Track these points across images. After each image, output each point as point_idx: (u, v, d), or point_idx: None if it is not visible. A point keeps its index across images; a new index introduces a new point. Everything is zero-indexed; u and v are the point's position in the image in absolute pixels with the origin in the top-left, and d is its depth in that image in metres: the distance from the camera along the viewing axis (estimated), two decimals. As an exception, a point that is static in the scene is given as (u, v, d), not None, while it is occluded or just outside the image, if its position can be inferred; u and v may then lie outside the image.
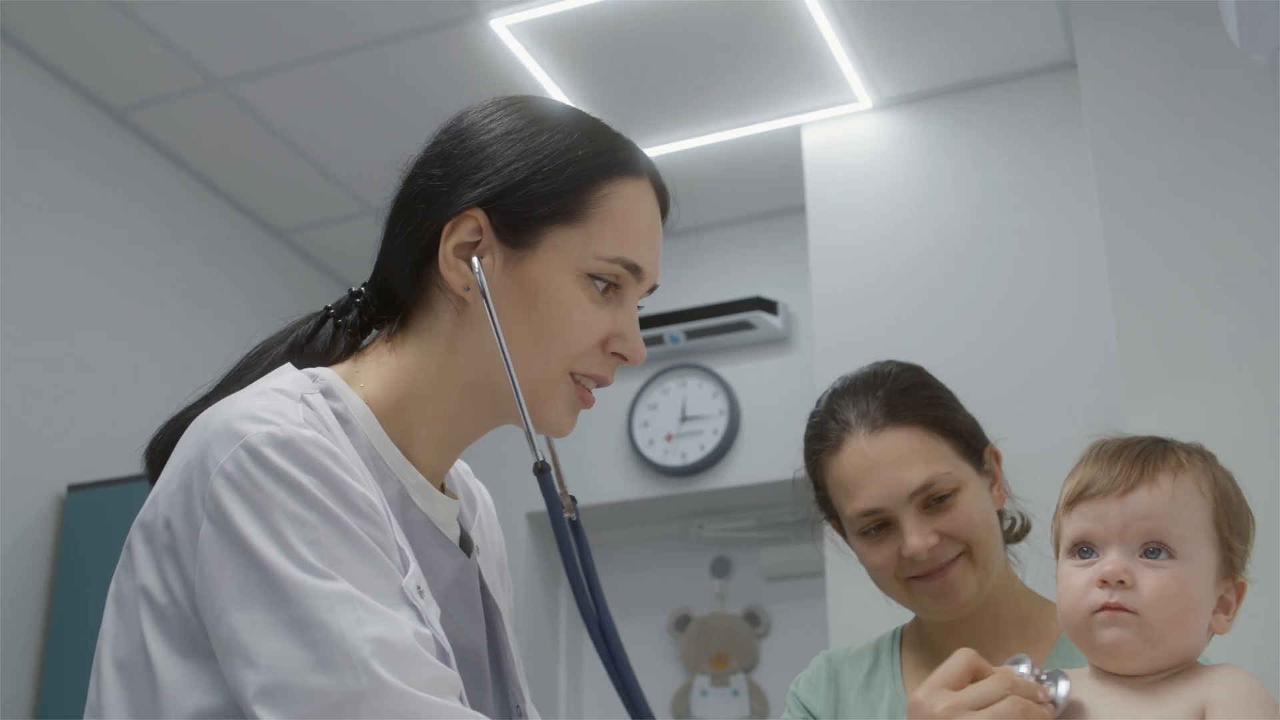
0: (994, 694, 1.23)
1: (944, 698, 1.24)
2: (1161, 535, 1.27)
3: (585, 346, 1.35)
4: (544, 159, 1.35)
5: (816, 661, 1.90)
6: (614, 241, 1.36)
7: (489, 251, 1.35)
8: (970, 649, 1.28)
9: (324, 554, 1.16)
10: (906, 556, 1.69)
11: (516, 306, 1.34)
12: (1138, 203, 2.88)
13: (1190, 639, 1.27)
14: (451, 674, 1.19)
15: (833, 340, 3.65)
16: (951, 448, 1.73)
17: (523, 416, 1.32)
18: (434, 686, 1.16)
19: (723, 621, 4.50)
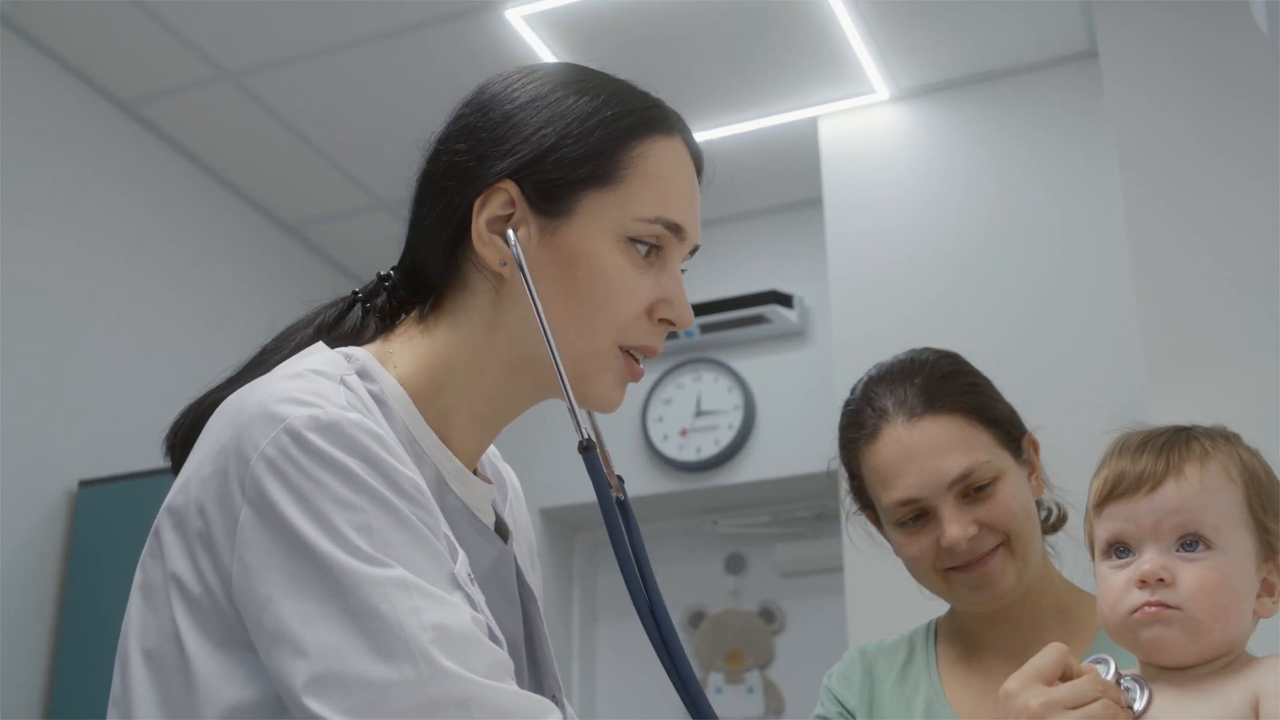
0: (1087, 694, 1.21)
1: (1039, 693, 1.21)
2: (1196, 527, 1.25)
3: (631, 315, 1.32)
4: (572, 122, 1.31)
5: (850, 655, 1.86)
6: (652, 201, 1.31)
7: (523, 223, 1.31)
8: (1061, 644, 1.26)
9: (375, 539, 1.13)
10: (945, 547, 1.66)
11: (556, 278, 1.30)
12: (1160, 194, 2.85)
13: (1236, 628, 1.25)
14: (506, 658, 1.16)
15: (850, 334, 3.62)
16: (991, 436, 1.70)
17: (565, 393, 1.28)
18: (493, 671, 1.12)
19: (737, 618, 4.47)
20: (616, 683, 4.53)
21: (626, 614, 4.58)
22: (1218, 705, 1.20)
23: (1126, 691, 1.24)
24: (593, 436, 1.30)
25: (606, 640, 4.63)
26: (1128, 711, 1.22)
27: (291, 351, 1.33)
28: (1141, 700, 1.23)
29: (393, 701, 1.07)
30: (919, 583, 1.76)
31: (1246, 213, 2.74)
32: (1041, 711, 1.19)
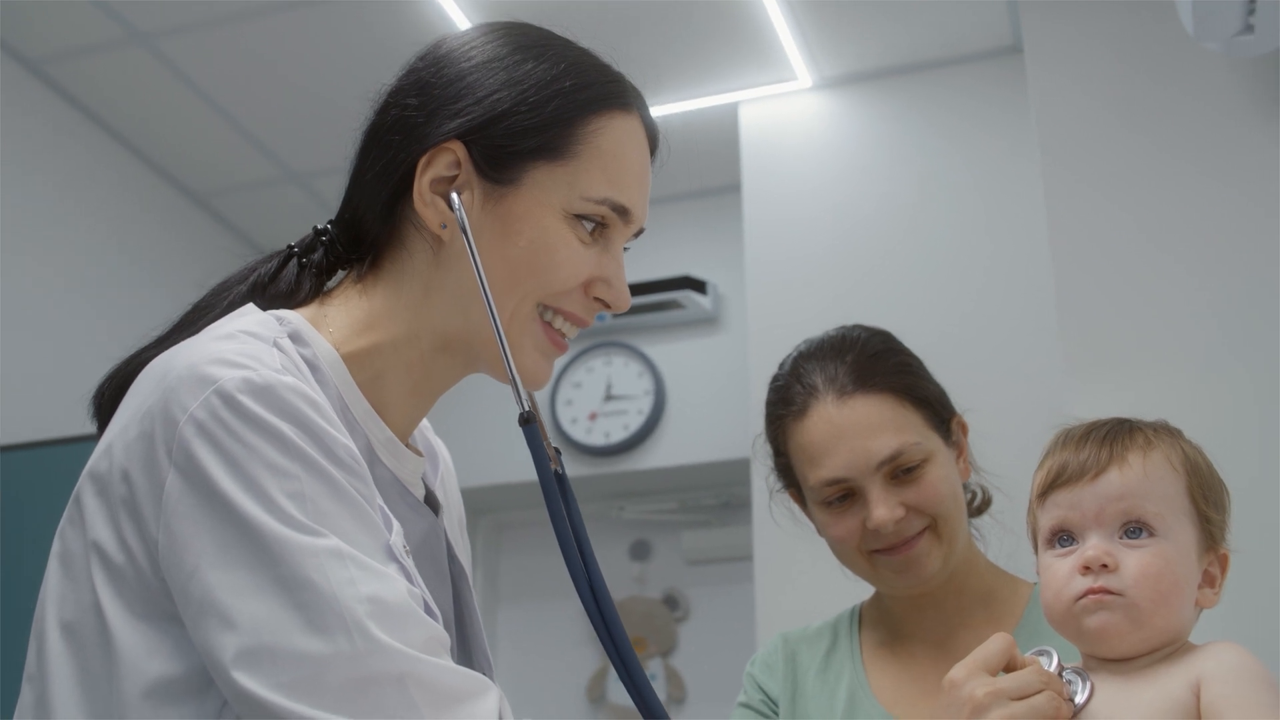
0: (1032, 686, 1.20)
1: (984, 683, 1.20)
2: (1139, 514, 1.26)
3: (567, 285, 1.29)
4: (529, 89, 1.28)
5: (773, 642, 1.84)
6: (602, 181, 1.29)
7: (467, 187, 1.28)
8: (1006, 634, 1.25)
9: (309, 508, 1.09)
10: (871, 529, 1.65)
11: (496, 244, 1.27)
12: (1082, 191, 2.87)
13: (1178, 616, 1.25)
14: (443, 633, 1.13)
15: (765, 322, 3.60)
16: (921, 417, 1.69)
17: (506, 362, 1.25)
18: (429, 647, 1.09)
19: (641, 605, 4.45)
20: (516, 668, 4.49)
21: (528, 598, 4.56)
22: (1160, 693, 1.20)
23: (1068, 684, 1.23)
24: (533, 408, 1.27)
25: (507, 625, 4.59)
26: (1069, 704, 1.21)
27: (224, 310, 1.28)
28: (1083, 693, 1.23)
29: (326, 676, 1.04)
30: (843, 564, 1.75)
31: (1167, 209, 2.77)
32: (987, 702, 1.18)
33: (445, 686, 1.08)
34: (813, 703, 1.73)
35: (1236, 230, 2.69)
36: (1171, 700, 1.19)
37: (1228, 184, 2.72)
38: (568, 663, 4.47)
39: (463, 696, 1.09)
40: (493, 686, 1.12)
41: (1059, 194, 2.87)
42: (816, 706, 1.72)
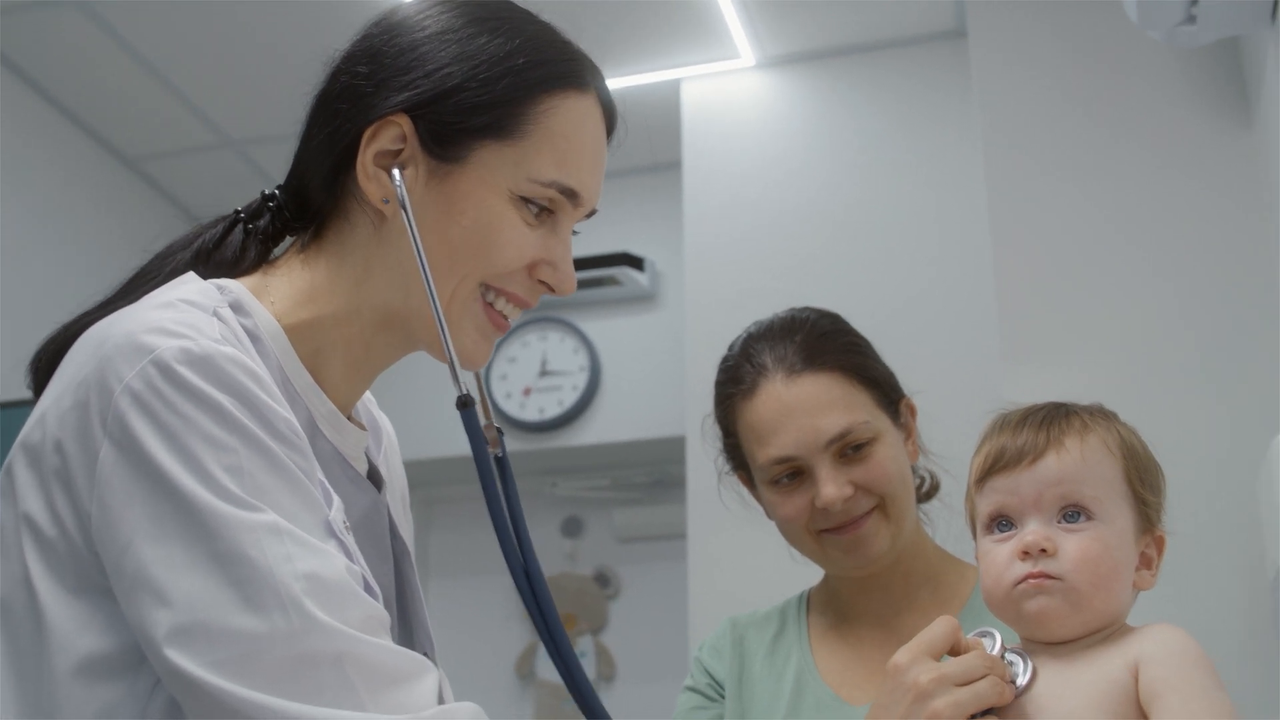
0: (976, 670, 1.20)
1: (929, 668, 1.20)
2: (1077, 497, 1.26)
3: (510, 267, 1.26)
4: (480, 65, 1.25)
5: (721, 626, 1.84)
6: (551, 164, 1.26)
7: (412, 162, 1.25)
8: (951, 616, 1.25)
9: (247, 482, 1.06)
10: (820, 508, 1.65)
11: (439, 223, 1.24)
12: (1023, 176, 2.87)
13: (1116, 598, 1.26)
14: (383, 612, 1.10)
15: (703, 300, 3.59)
16: (869, 397, 1.69)
17: (445, 344, 1.23)
18: (368, 625, 1.07)
19: (572, 582, 4.44)
20: (445, 643, 4.44)
21: (457, 574, 4.52)
22: (1099, 675, 1.20)
23: (1010, 665, 1.23)
24: (472, 391, 1.25)
25: (436, 601, 4.55)
26: (1011, 686, 1.21)
27: (167, 277, 1.25)
28: (1025, 675, 1.23)
29: (262, 654, 1.01)
30: (792, 545, 1.74)
31: (1107, 196, 2.78)
32: (931, 688, 1.18)
33: (384, 666, 1.06)
34: (760, 685, 1.73)
35: (1176, 219, 2.71)
36: (1110, 681, 1.19)
37: (1169, 173, 2.74)
38: (497, 639, 4.45)
39: (401, 677, 1.07)
40: (432, 667, 1.10)
41: (1000, 179, 2.87)
42: (764, 689, 1.72)
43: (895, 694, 1.20)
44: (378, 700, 1.04)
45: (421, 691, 1.07)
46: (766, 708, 1.69)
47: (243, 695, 1.00)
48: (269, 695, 1.01)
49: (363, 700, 1.03)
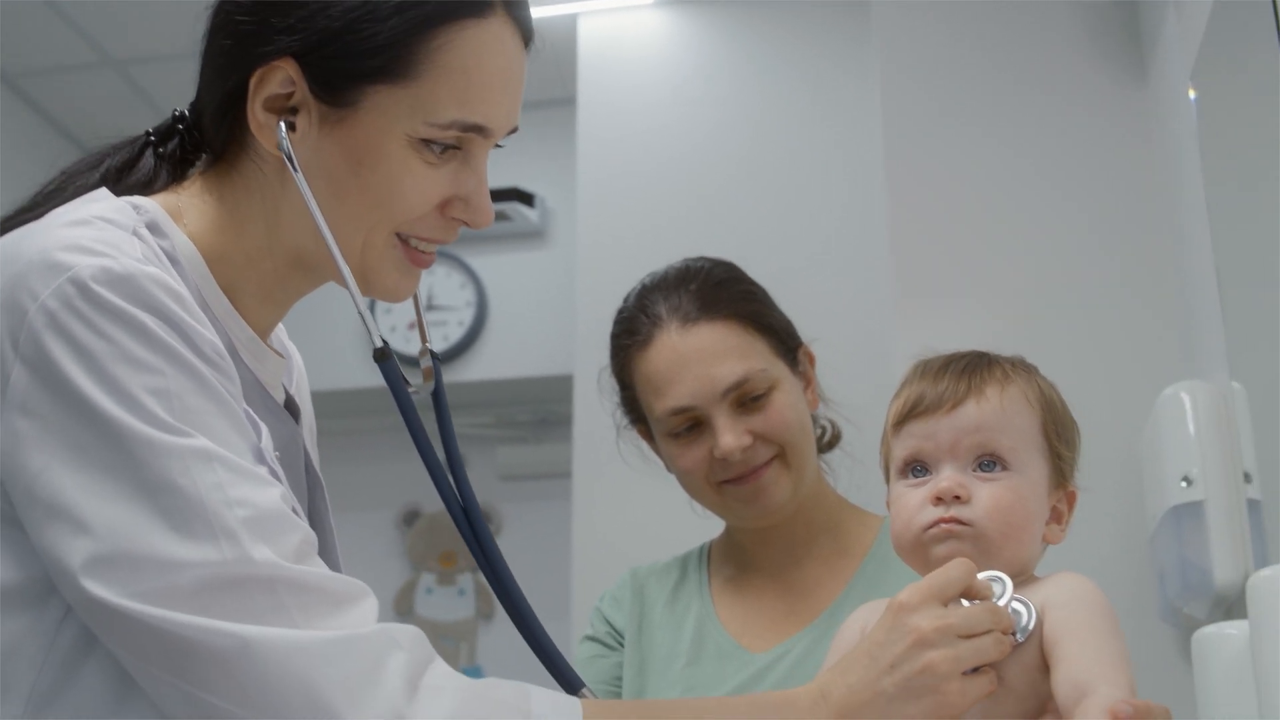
0: (982, 624, 1.15)
1: (935, 614, 1.15)
2: (994, 447, 1.26)
3: (416, 214, 1.21)
4: (366, 4, 1.17)
5: (622, 577, 1.83)
6: (450, 103, 1.19)
7: (304, 108, 1.19)
8: (967, 560, 1.20)
9: (174, 405, 1.01)
10: (718, 458, 1.63)
11: (335, 171, 1.19)
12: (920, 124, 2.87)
13: (1025, 549, 1.27)
14: (313, 535, 1.07)
15: (594, 238, 3.55)
16: (766, 345, 1.68)
17: (354, 301, 1.18)
18: (302, 551, 1.04)
19: (453, 519, 4.40)
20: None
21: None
22: None
23: (1015, 615, 1.20)
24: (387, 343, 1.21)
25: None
26: (1012, 639, 1.18)
27: (71, 196, 1.18)
28: (1030, 622, 1.19)
29: (190, 584, 0.98)
30: (692, 496, 1.73)
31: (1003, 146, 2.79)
32: (934, 637, 1.13)
33: (320, 590, 1.03)
34: (659, 633, 1.72)
35: (1072, 169, 2.73)
36: None
37: (1066, 125, 2.75)
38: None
39: (339, 601, 1.04)
40: (370, 592, 1.08)
41: (897, 124, 2.87)
42: (664, 637, 1.71)
43: (894, 633, 1.15)
44: (315, 623, 1.01)
45: (360, 615, 1.04)
46: (666, 655, 1.68)
47: (170, 618, 0.97)
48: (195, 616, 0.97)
49: (298, 625, 1.00)
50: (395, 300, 1.26)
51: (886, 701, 1.12)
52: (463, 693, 1.04)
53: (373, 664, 1.01)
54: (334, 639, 1.00)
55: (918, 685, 1.12)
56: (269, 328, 1.27)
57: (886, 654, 1.14)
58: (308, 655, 0.99)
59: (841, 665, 1.16)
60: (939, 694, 1.12)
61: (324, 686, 0.98)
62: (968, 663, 1.13)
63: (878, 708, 1.12)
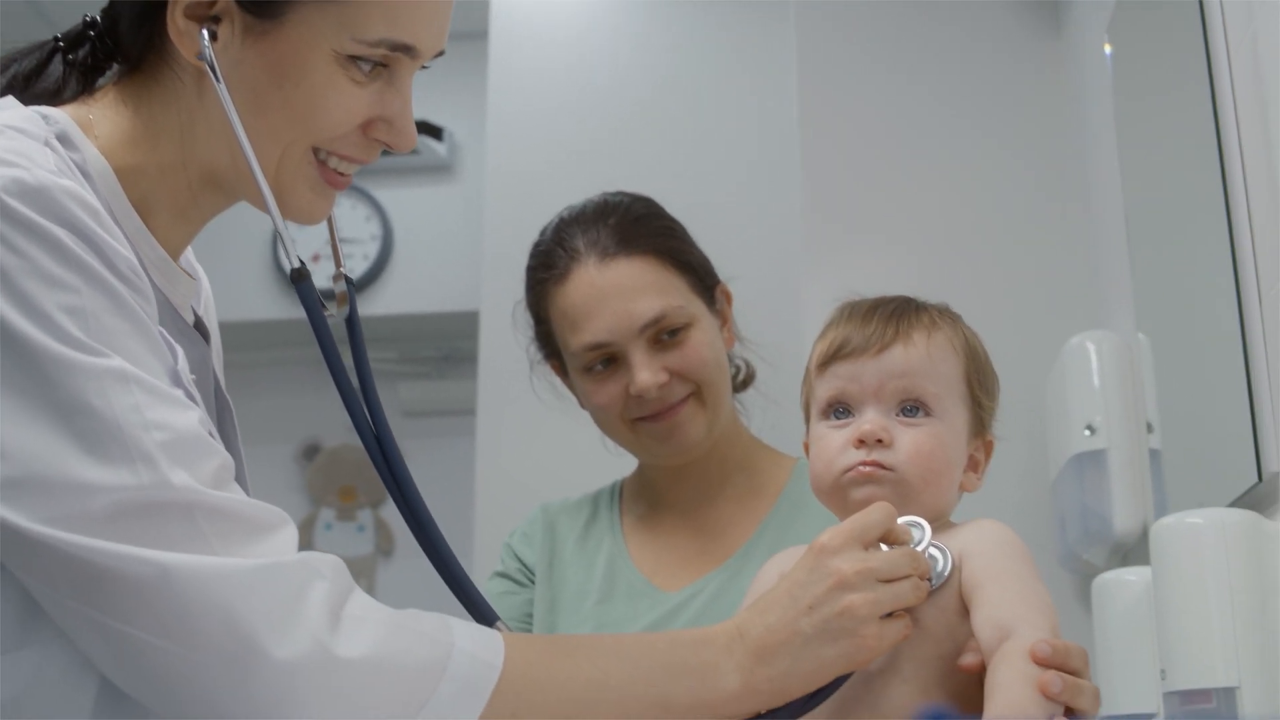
0: (902, 569, 1.15)
1: (856, 558, 1.14)
2: (918, 392, 1.26)
3: (339, 131, 1.18)
4: None
5: (533, 514, 1.81)
6: (379, 21, 1.15)
7: (228, 17, 1.14)
8: (888, 504, 1.19)
9: (90, 324, 0.97)
10: (634, 395, 1.62)
11: (259, 86, 1.15)
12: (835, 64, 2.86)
13: (943, 496, 1.27)
14: (231, 460, 1.04)
15: (503, 174, 3.50)
16: (684, 282, 1.67)
17: (273, 218, 1.15)
18: (220, 477, 1.01)
19: (354, 454, 4.36)
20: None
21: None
22: None
23: (932, 560, 1.19)
24: (304, 263, 1.17)
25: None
26: (927, 585, 1.17)
27: None
28: (946, 568, 1.19)
29: (104, 509, 0.94)
30: (605, 433, 1.71)
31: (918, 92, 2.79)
32: (855, 580, 1.12)
33: (238, 517, 1.00)
34: (570, 570, 1.71)
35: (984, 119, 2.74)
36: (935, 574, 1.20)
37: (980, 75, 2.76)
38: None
39: (258, 528, 1.01)
40: (289, 520, 1.05)
41: (811, 66, 2.86)
42: (575, 574, 1.70)
43: (815, 574, 1.14)
44: (233, 553, 0.98)
45: (280, 541, 1.02)
46: (577, 593, 1.68)
47: (83, 544, 0.94)
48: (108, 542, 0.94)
49: (216, 552, 0.97)
50: (308, 222, 1.22)
51: (803, 642, 1.12)
52: (386, 624, 1.02)
53: (295, 593, 0.99)
54: (255, 567, 0.98)
55: (836, 628, 1.11)
56: (180, 247, 1.23)
57: (806, 595, 1.13)
58: (228, 583, 0.96)
59: (760, 604, 1.15)
60: (856, 637, 1.12)
61: (245, 615, 0.96)
62: (886, 607, 1.13)
63: (794, 648, 1.12)
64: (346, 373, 1.21)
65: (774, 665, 1.11)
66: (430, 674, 1.01)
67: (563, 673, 1.08)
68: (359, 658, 0.99)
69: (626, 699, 1.09)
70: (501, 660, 1.05)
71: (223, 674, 0.96)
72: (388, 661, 1.00)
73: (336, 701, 0.98)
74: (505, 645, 1.06)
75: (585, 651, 1.12)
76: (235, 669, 0.96)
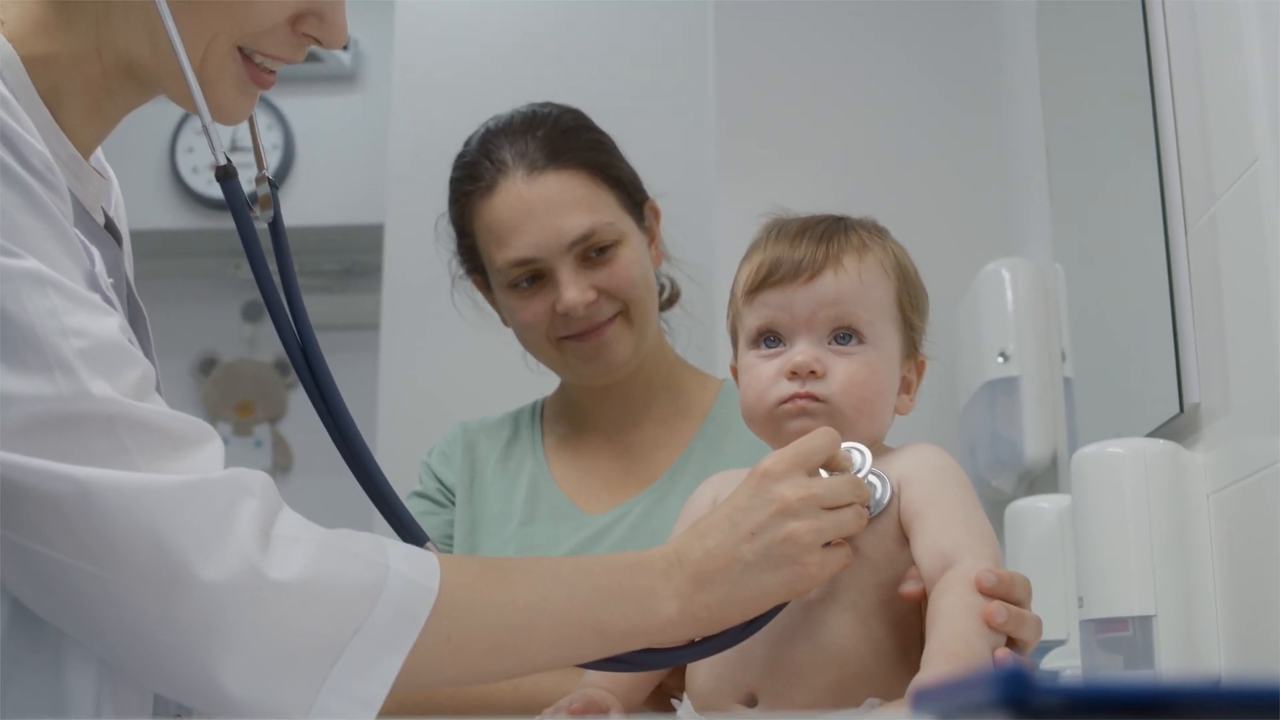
0: (844, 496, 1.13)
1: (799, 484, 1.12)
2: (851, 320, 1.23)
3: (266, 27, 1.12)
4: None
5: (451, 433, 1.77)
6: None
7: None
8: (831, 430, 1.16)
9: (1, 223, 0.92)
10: (561, 312, 1.58)
11: None
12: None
13: (878, 422, 1.26)
14: (153, 369, 0.99)
15: (410, 85, 3.43)
16: (614, 197, 1.63)
17: (200, 114, 1.09)
18: (142, 388, 0.96)
19: (251, 368, 4.29)
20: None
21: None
22: None
23: (870, 487, 1.18)
24: (231, 160, 1.12)
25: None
26: (866, 510, 1.16)
27: None
28: (885, 495, 1.18)
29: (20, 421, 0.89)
30: (530, 352, 1.68)
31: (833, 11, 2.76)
32: (798, 508, 1.10)
33: (162, 430, 0.95)
34: (492, 491, 1.67)
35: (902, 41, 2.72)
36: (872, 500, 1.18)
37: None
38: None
39: (183, 443, 0.96)
40: (215, 434, 1.00)
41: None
42: (496, 495, 1.67)
43: (757, 499, 1.12)
44: (157, 469, 0.94)
45: (206, 456, 0.97)
46: (499, 514, 1.65)
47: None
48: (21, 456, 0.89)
49: (139, 468, 0.93)
50: (231, 121, 1.17)
51: (744, 569, 1.10)
52: (319, 544, 0.99)
53: (224, 511, 0.95)
54: (182, 483, 0.93)
55: (778, 554, 1.10)
56: (91, 145, 1.16)
57: (748, 520, 1.11)
58: (154, 500, 0.92)
59: (699, 528, 1.13)
60: (798, 565, 1.10)
61: (172, 534, 0.92)
62: (828, 535, 1.11)
63: (734, 574, 1.10)
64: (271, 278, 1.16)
65: (712, 591, 1.10)
66: (365, 597, 0.98)
67: (499, 596, 1.06)
68: (291, 580, 0.95)
69: (562, 624, 1.07)
70: (437, 584, 1.02)
71: (146, 597, 0.92)
72: (321, 584, 0.97)
73: (266, 625, 0.94)
74: (441, 568, 1.03)
75: (521, 575, 1.09)
76: (159, 591, 0.92)
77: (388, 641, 0.98)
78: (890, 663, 1.14)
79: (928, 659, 1.03)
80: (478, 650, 1.04)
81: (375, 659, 0.97)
